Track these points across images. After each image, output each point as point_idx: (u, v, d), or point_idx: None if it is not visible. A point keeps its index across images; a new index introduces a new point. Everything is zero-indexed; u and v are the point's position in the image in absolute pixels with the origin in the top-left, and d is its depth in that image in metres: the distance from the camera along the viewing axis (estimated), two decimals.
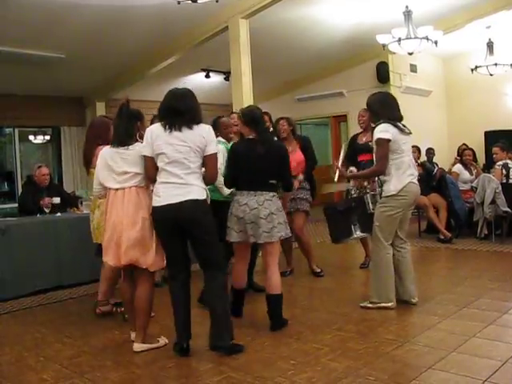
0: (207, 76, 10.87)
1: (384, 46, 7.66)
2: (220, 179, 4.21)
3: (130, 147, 3.61)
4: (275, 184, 4.08)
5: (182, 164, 3.41)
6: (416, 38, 7.29)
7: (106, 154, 3.73)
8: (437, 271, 6.19)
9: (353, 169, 5.53)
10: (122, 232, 3.55)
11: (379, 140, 4.26)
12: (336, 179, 5.39)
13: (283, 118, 5.97)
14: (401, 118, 4.43)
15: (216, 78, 10.97)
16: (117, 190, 3.64)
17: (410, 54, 7.53)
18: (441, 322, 4.01)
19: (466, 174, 8.11)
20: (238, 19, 7.31)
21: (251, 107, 4.40)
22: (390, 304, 4.38)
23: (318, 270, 6.02)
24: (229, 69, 8.27)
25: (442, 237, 7.55)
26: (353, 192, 5.58)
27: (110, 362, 3.56)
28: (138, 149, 3.60)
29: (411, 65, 11.00)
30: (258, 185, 3.98)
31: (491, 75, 9.67)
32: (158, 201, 3.44)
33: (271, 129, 5.57)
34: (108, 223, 3.66)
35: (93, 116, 10.02)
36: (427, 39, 7.26)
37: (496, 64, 9.47)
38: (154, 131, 3.49)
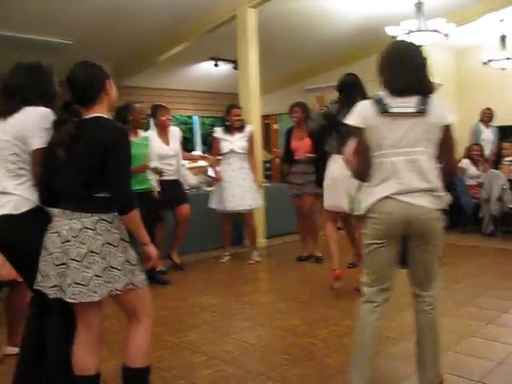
0: (216, 65, 10.79)
1: (394, 38, 7.55)
2: None
3: None
4: (107, 200, 2.33)
5: (1, 164, 2.52)
6: (427, 30, 7.19)
7: None
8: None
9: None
10: None
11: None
12: None
13: (297, 104, 6.01)
14: (406, 86, 2.48)
15: (225, 67, 10.88)
16: None
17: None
18: None
19: (472, 169, 8.01)
20: (246, 8, 7.21)
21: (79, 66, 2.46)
22: None
23: (320, 255, 6.04)
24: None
25: None
26: None
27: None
28: None
29: None
30: (73, 200, 2.33)
31: (503, 69, 9.53)
32: None
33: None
34: None
35: None
36: (438, 32, 7.15)
37: (508, 58, 9.31)
38: None
